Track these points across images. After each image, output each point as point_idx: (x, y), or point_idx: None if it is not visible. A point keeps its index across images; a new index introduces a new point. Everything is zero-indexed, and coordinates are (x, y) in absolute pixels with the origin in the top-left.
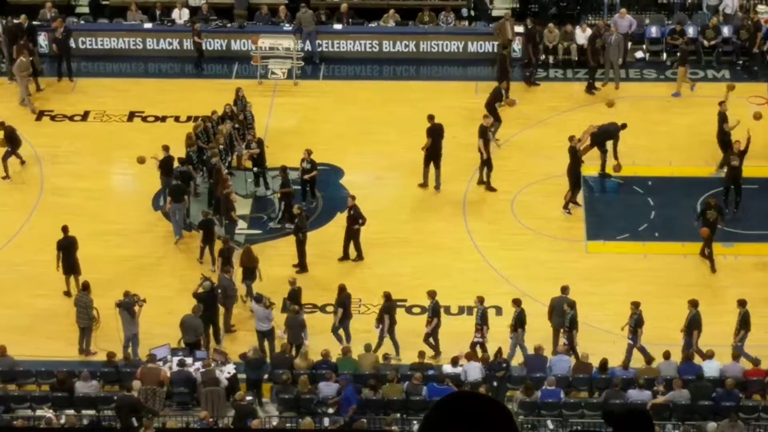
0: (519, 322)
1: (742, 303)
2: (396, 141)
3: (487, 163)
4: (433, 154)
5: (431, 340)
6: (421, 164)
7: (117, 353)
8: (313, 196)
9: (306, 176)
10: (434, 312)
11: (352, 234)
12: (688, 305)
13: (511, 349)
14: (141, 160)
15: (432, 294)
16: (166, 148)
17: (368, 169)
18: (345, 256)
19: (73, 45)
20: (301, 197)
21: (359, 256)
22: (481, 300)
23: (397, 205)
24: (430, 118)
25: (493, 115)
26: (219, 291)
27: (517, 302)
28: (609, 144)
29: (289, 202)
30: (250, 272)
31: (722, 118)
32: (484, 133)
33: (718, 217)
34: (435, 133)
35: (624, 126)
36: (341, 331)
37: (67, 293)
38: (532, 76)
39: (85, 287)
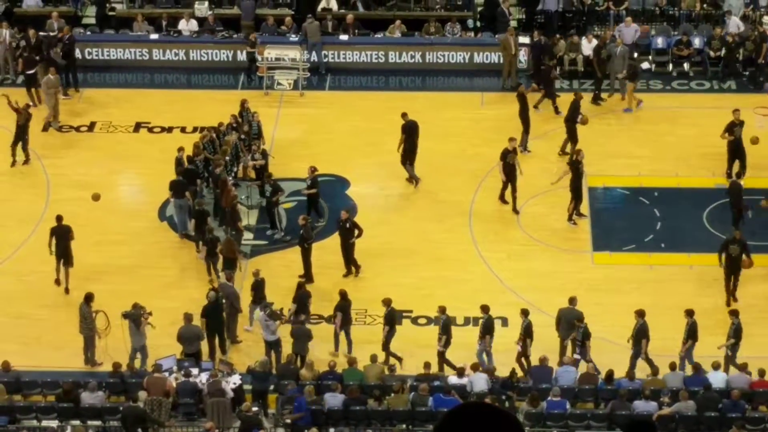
0: (486, 329)
1: (689, 313)
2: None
3: (511, 185)
4: (408, 151)
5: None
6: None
7: (123, 364)
8: (317, 213)
9: (304, 191)
10: (444, 328)
11: (348, 247)
12: (635, 315)
13: (478, 356)
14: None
15: (442, 309)
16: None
17: (373, 180)
18: (349, 272)
19: (79, 55)
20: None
21: (356, 270)
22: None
23: (402, 216)
24: (404, 115)
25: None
26: (224, 300)
27: (485, 309)
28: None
29: (316, 201)
30: (231, 262)
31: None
32: (505, 156)
33: (742, 253)
34: (410, 130)
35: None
36: (342, 336)
37: (57, 281)
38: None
39: (88, 299)
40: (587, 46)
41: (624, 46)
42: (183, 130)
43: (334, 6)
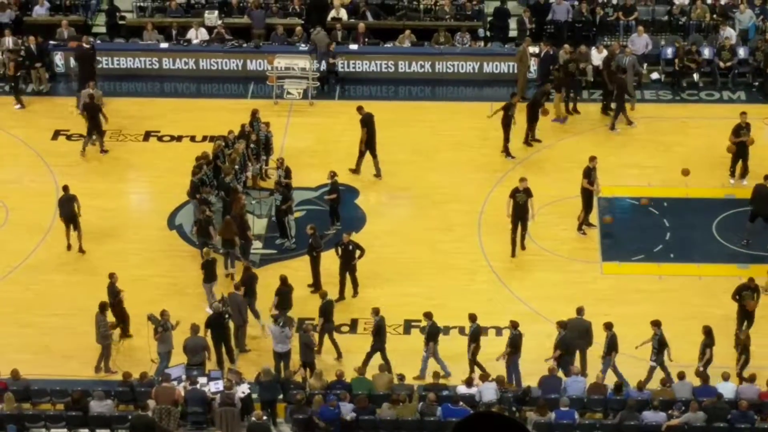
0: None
1: (608, 326)
2: (411, 161)
3: (521, 225)
4: (369, 143)
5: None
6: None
7: (133, 373)
8: (337, 218)
9: (326, 197)
10: (474, 336)
11: (351, 269)
12: (604, 328)
13: (423, 362)
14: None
15: (473, 317)
16: (207, 252)
17: (382, 190)
18: (356, 292)
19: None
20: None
21: (355, 290)
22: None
23: (411, 225)
24: (359, 108)
25: (532, 113)
26: (228, 310)
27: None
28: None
29: (336, 208)
30: (230, 243)
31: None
32: (588, 174)
33: (755, 298)
34: (368, 122)
35: None
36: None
37: (68, 246)
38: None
39: (103, 308)
40: (597, 56)
41: (633, 56)
42: (192, 139)
43: (343, 15)
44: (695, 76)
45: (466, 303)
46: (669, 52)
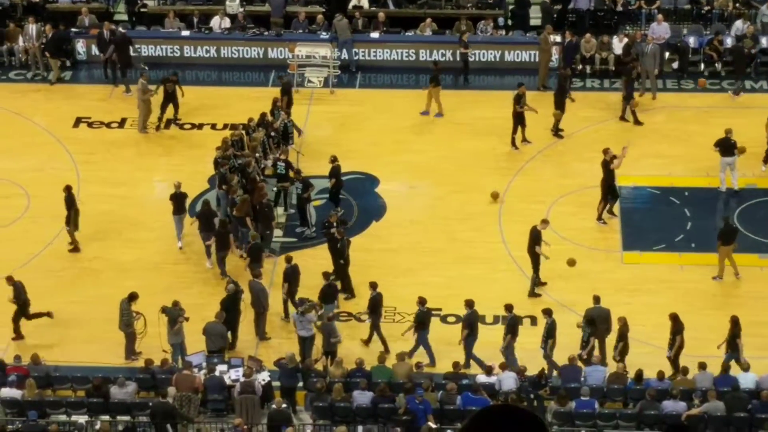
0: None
1: (508, 308)
2: (431, 150)
3: (605, 195)
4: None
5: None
6: (451, 173)
7: (155, 360)
8: (336, 205)
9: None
10: (511, 327)
11: (337, 253)
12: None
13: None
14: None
15: (509, 308)
16: (178, 185)
17: (403, 178)
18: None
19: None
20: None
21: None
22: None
23: (431, 215)
24: (280, 77)
25: (517, 117)
26: (243, 295)
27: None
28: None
29: (337, 192)
30: (242, 222)
31: None
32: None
33: None
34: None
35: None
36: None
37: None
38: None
39: (132, 297)
40: (618, 45)
41: (655, 44)
42: (213, 126)
43: (365, 4)
44: (717, 66)
45: (486, 292)
46: (692, 41)
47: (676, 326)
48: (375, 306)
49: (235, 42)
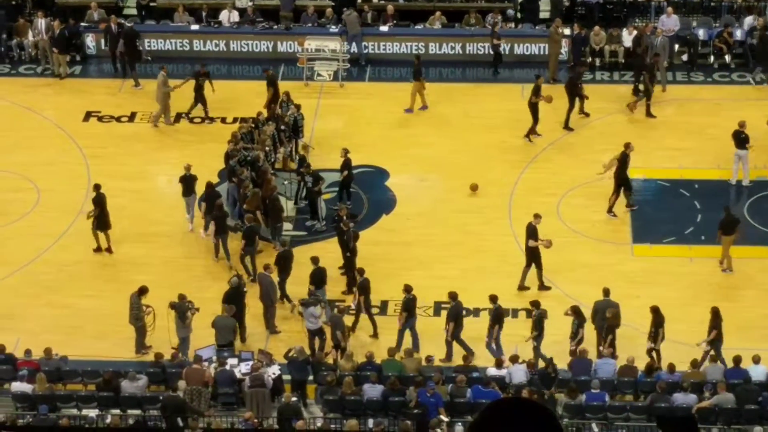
0: (409, 310)
1: (493, 299)
2: (441, 143)
3: (618, 188)
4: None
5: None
6: (465, 167)
7: (165, 354)
8: (348, 197)
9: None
10: (537, 323)
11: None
12: (489, 300)
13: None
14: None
15: (536, 304)
16: (188, 167)
17: (413, 171)
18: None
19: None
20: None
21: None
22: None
23: (441, 208)
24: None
25: (533, 111)
26: (246, 288)
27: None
28: None
29: (348, 185)
30: (252, 214)
31: None
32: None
33: None
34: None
35: None
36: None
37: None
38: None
39: (141, 291)
40: (628, 37)
41: (664, 36)
42: (223, 120)
43: None
44: (727, 58)
45: (496, 285)
46: (701, 33)
47: (658, 318)
48: (409, 308)
49: (245, 36)
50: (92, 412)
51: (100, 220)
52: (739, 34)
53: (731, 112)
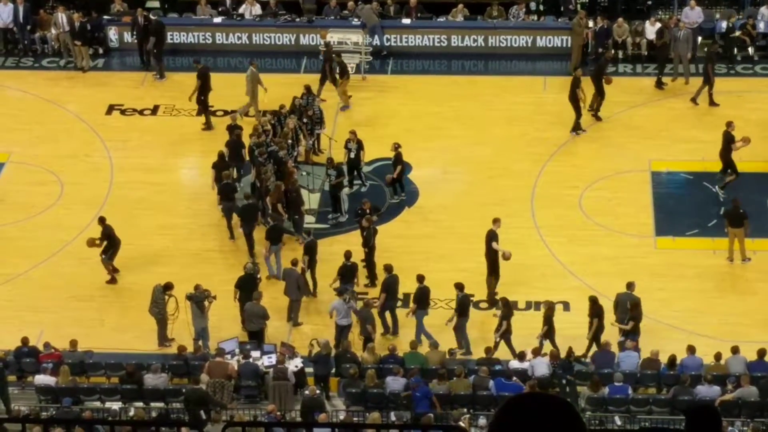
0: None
1: (459, 287)
2: (463, 136)
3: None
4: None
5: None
6: (485, 158)
7: (188, 346)
8: (402, 189)
9: (393, 174)
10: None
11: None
12: (455, 288)
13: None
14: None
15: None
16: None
17: (435, 164)
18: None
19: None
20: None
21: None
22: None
23: (464, 200)
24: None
25: (597, 87)
26: (260, 275)
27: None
28: None
29: (400, 179)
30: (274, 208)
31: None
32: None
33: None
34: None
35: None
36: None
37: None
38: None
39: (167, 287)
40: (651, 30)
41: (687, 29)
42: (246, 114)
43: None
44: (750, 50)
45: (519, 277)
46: (723, 25)
47: (595, 309)
48: (420, 300)
49: (267, 29)
50: (115, 405)
51: (114, 251)
52: (762, 26)
53: (754, 105)
